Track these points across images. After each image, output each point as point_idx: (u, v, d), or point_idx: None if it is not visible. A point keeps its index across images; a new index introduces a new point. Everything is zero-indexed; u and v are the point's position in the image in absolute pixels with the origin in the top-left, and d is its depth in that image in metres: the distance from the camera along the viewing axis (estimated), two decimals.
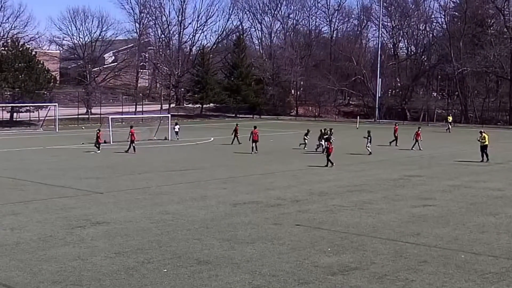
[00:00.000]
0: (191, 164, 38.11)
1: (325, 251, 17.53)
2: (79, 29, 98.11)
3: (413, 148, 47.77)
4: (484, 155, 40.33)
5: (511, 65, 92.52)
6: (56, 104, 74.86)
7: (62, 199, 25.56)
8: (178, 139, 56.83)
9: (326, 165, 37.00)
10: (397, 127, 54.13)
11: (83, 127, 43.85)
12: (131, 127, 47.29)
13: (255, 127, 46.77)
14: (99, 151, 44.34)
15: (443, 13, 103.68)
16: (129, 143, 45.28)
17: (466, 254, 17.36)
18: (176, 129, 58.43)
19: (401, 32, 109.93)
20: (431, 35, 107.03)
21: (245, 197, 26.09)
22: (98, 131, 46.54)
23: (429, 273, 15.54)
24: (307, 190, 28.10)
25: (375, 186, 29.66)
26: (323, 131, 47.12)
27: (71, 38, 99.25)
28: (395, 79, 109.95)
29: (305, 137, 49.41)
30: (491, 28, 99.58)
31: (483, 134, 41.45)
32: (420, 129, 50.23)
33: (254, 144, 45.73)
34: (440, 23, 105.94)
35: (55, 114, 72.08)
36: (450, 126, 72.54)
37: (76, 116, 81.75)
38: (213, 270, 15.58)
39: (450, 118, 76.92)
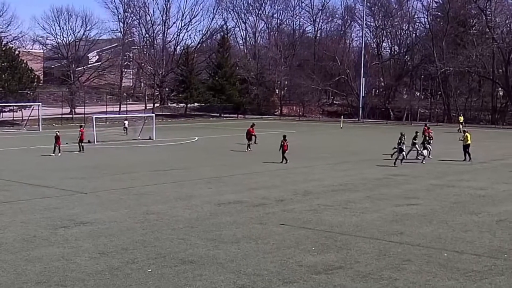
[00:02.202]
0: (175, 164, 38.04)
1: (309, 250, 17.56)
2: (62, 28, 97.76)
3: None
4: (467, 155, 40.53)
5: (493, 65, 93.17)
6: (40, 103, 74.41)
7: (46, 199, 25.42)
8: (126, 134, 59.75)
9: (285, 162, 37.89)
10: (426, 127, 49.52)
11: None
12: (81, 126, 47.98)
13: (252, 125, 47.75)
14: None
15: (426, 13, 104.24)
16: (77, 143, 44.86)
17: (449, 252, 17.45)
18: (126, 125, 61.87)
19: (384, 32, 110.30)
20: (414, 35, 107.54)
21: (230, 197, 26.07)
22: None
23: (413, 271, 15.60)
24: (291, 190, 28.12)
25: (360, 186, 29.74)
26: (416, 134, 41.79)
27: (54, 37, 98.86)
28: (378, 79, 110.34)
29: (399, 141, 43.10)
30: (474, 28, 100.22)
31: (466, 133, 41.66)
32: (427, 126, 49.00)
33: (250, 142, 46.76)
34: (423, 23, 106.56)
35: (38, 114, 71.66)
36: (461, 127, 69.18)
37: (60, 116, 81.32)
38: (197, 269, 15.56)
39: (461, 119, 73.71)
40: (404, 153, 37.51)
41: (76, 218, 21.53)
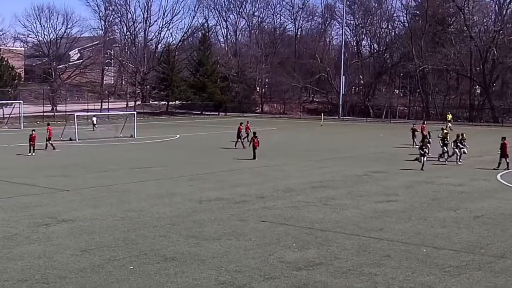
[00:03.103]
0: (157, 162, 37.93)
1: (290, 246, 17.60)
2: (43, 26, 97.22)
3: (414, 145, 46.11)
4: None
5: (471, 63, 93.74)
6: (21, 101, 73.77)
7: (27, 197, 25.26)
8: (95, 130, 60.68)
9: (254, 158, 38.39)
10: (424, 125, 50.43)
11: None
12: (48, 124, 47.64)
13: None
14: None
15: (405, 12, 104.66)
16: (45, 141, 44.03)
17: (427, 248, 17.57)
18: (94, 121, 63.19)
19: (364, 30, 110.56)
20: (393, 33, 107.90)
21: (211, 194, 26.06)
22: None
23: (392, 267, 15.69)
24: (272, 187, 28.16)
25: (340, 182, 29.84)
26: (460, 136, 39.15)
27: (36, 35, 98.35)
28: (358, 77, 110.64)
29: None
30: (452, 26, 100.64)
31: (444, 130, 41.90)
32: (415, 125, 49.09)
33: (239, 139, 46.88)
34: (402, 21, 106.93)
35: (20, 112, 70.99)
36: (449, 125, 67.50)
37: (42, 114, 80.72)
38: (179, 266, 15.55)
39: (449, 117, 73.78)
40: (425, 158, 34.96)
41: (57, 215, 21.42)
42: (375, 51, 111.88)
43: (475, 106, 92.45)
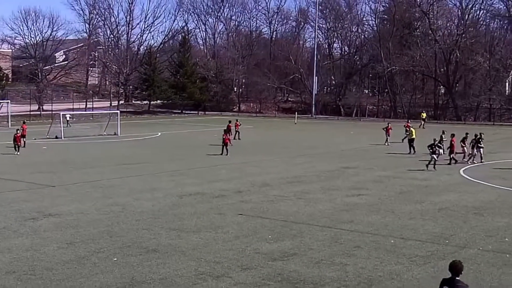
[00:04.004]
0: (139, 158, 37.74)
1: (266, 238, 17.62)
2: (30, 28, 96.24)
3: (386, 144, 46.17)
4: (412, 148, 41.06)
5: (436, 65, 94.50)
6: (9, 101, 73.14)
7: (15, 192, 25.04)
8: (69, 126, 60.44)
9: (226, 154, 38.78)
10: (409, 123, 49.53)
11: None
12: (24, 122, 47.22)
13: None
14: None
15: (374, 16, 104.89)
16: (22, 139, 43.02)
17: (395, 239, 17.68)
18: (68, 118, 63.13)
19: (335, 33, 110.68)
20: (363, 36, 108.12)
21: (191, 189, 26.01)
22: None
23: (362, 257, 15.78)
24: (249, 182, 28.17)
25: (313, 178, 29.92)
26: (478, 136, 37.08)
27: (23, 37, 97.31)
28: (330, 77, 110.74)
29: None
30: (417, 30, 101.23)
31: (411, 128, 42.17)
32: (389, 124, 48.88)
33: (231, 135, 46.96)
34: (371, 25, 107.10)
35: (7, 111, 70.30)
36: (423, 123, 68.58)
37: (28, 113, 79.97)
38: (161, 258, 15.51)
39: (424, 115, 73.59)
40: (435, 156, 32.87)
41: (44, 210, 21.26)
42: (345, 53, 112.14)
43: (439, 105, 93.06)
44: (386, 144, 45.84)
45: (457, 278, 10.02)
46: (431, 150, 33.23)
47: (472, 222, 20.08)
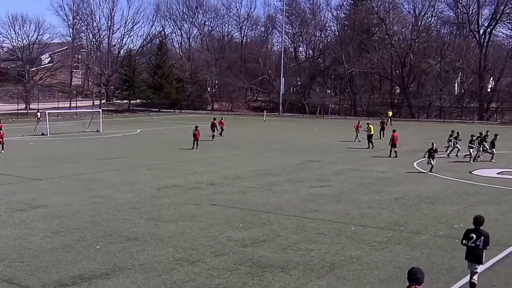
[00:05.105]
0: (120, 153, 37.47)
1: (237, 226, 17.64)
2: (17, 33, 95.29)
3: (356, 140, 45.51)
4: (370, 143, 41.39)
5: (392, 67, 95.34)
6: None
7: (3, 186, 24.70)
8: (38, 123, 59.08)
9: (196, 148, 39.21)
10: (360, 124, 47.56)
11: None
12: None
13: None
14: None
15: (336, 22, 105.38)
16: None
17: (356, 226, 17.82)
18: (38, 116, 62.67)
19: (300, 38, 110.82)
20: (325, 40, 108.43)
21: (168, 182, 25.91)
22: None
23: (325, 243, 15.88)
24: (222, 175, 28.14)
25: (280, 171, 29.98)
26: (483, 133, 35.53)
27: (10, 41, 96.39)
28: (296, 79, 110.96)
29: (453, 139, 36.74)
30: (375, 35, 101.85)
31: (369, 125, 42.49)
32: (360, 122, 48.23)
33: (214, 133, 47.49)
34: (333, 30, 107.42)
35: None
36: (390, 120, 67.67)
37: (16, 111, 78.96)
38: (140, 245, 15.44)
39: (390, 113, 73.89)
40: (433, 161, 29.96)
41: (31, 202, 21.02)
42: (310, 56, 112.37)
43: (395, 104, 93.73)
44: (357, 140, 45.76)
45: (480, 227, 11.80)
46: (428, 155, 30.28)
47: (424, 210, 20.31)
